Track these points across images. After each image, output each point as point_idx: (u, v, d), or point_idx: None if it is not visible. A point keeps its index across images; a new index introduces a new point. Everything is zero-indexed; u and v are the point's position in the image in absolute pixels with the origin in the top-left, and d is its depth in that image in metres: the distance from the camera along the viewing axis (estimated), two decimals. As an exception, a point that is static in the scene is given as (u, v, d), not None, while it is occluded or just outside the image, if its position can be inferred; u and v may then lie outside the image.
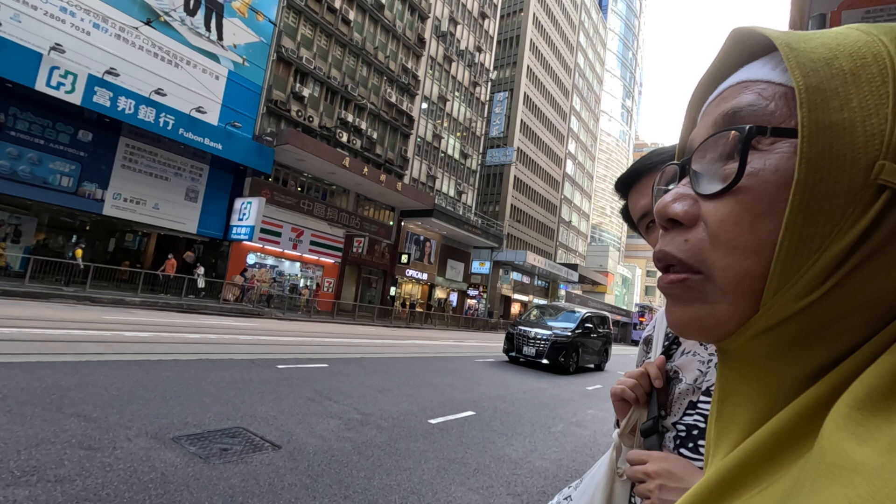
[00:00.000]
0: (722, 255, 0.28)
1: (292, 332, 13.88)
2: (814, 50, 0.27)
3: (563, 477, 4.27)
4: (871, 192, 0.24)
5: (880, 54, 0.25)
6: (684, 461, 0.71)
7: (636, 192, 0.92)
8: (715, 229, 0.29)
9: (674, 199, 0.31)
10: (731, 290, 0.28)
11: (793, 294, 0.26)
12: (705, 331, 0.30)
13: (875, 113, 0.24)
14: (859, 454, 0.21)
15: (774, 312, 0.27)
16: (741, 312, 0.28)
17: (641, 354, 1.02)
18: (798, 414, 0.26)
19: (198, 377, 5.90)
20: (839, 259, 0.25)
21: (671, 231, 0.31)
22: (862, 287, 0.25)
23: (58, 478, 2.81)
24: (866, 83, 0.25)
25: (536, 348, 12.43)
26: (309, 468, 3.55)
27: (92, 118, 16.54)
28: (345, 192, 26.77)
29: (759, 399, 0.29)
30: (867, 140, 0.24)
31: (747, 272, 0.27)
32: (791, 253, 0.25)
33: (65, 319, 9.22)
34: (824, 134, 0.25)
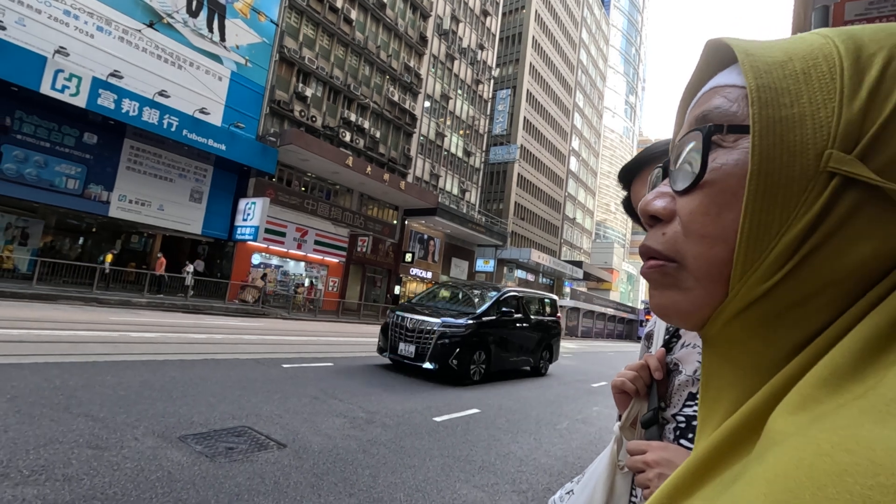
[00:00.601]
0: (693, 244, 0.30)
1: (297, 331, 13.93)
2: (771, 55, 0.29)
3: (569, 474, 4.26)
4: (823, 179, 0.26)
5: (831, 55, 0.27)
6: (683, 450, 0.70)
7: (639, 183, 0.92)
8: (686, 221, 0.31)
9: (654, 197, 0.34)
10: (703, 276, 0.30)
11: (757, 277, 0.28)
12: (683, 315, 0.32)
13: (824, 106, 0.26)
14: (786, 423, 0.23)
15: (742, 296, 0.28)
16: (713, 297, 0.30)
17: (643, 349, 1.02)
18: (768, 396, 0.27)
19: (204, 377, 5.93)
20: (797, 242, 0.27)
21: (653, 227, 0.34)
22: (821, 268, 0.27)
23: (66, 477, 2.84)
24: (816, 81, 0.27)
25: (417, 345, 8.05)
26: (314, 466, 3.56)
27: (97, 121, 16.64)
28: (348, 191, 26.81)
29: (738, 382, 0.30)
30: (816, 131, 0.26)
31: (715, 259, 0.29)
32: (752, 239, 0.27)
33: (72, 321, 9.30)
34: (775, 128, 0.27)
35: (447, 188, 35.68)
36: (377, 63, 28.15)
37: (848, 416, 0.21)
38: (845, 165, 0.25)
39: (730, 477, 0.26)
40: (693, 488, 0.28)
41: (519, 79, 46.48)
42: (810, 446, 0.21)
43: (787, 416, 0.24)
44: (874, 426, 0.19)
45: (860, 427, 0.20)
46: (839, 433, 0.20)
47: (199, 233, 20.43)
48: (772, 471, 0.21)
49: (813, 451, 0.20)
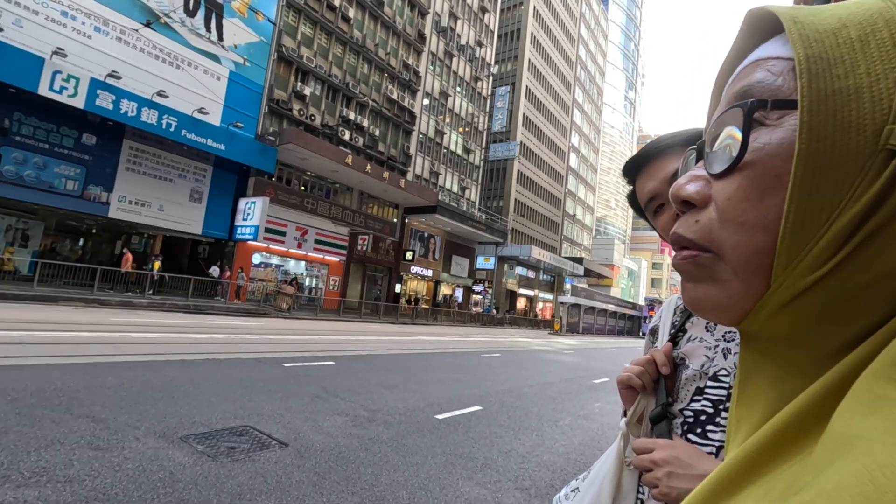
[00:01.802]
0: (730, 232, 0.28)
1: (298, 330, 13.93)
2: (822, 21, 0.26)
3: (571, 470, 4.26)
4: (882, 158, 0.23)
5: (893, 19, 0.25)
6: (691, 447, 0.69)
7: (644, 176, 0.90)
8: (723, 207, 0.28)
9: (687, 181, 0.31)
10: (742, 268, 0.28)
11: (803, 268, 0.25)
12: (720, 309, 0.29)
13: (884, 77, 0.24)
14: (862, 426, 0.21)
15: (786, 288, 0.26)
16: (754, 290, 0.27)
17: (648, 345, 1.00)
18: (821, 393, 0.25)
19: (205, 377, 5.92)
20: (850, 229, 0.24)
21: (686, 213, 0.31)
22: (878, 257, 0.24)
23: (67, 478, 2.83)
24: (875, 49, 0.24)
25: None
26: (316, 465, 3.55)
27: (95, 121, 16.62)
28: (348, 190, 26.79)
29: (781, 380, 0.28)
30: (874, 105, 0.24)
31: (756, 248, 0.27)
32: (798, 225, 0.25)
33: (73, 322, 9.29)
34: (826, 102, 0.24)
35: (447, 186, 35.64)
36: (375, 61, 28.09)
37: None
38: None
39: (781, 480, 0.24)
40: (734, 491, 0.26)
41: (518, 75, 46.37)
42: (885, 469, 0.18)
43: (858, 418, 0.22)
44: None
45: None
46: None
47: (199, 233, 20.42)
48: (866, 484, 0.19)
49: None
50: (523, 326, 38.91)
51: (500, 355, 13.46)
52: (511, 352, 15.26)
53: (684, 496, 0.63)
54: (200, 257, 22.33)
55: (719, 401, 0.73)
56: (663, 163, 0.87)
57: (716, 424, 0.72)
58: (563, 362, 13.97)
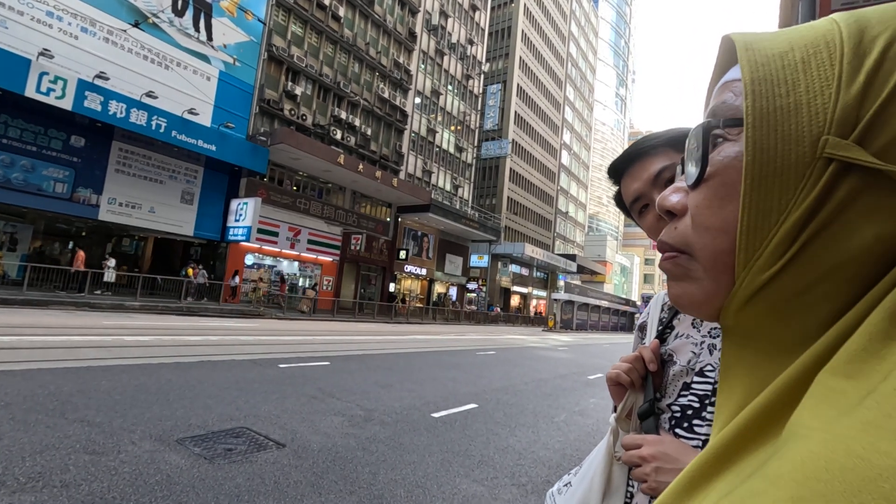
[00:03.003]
0: (699, 236, 0.32)
1: (293, 331, 13.89)
2: (773, 46, 0.29)
3: (567, 466, 4.30)
4: (820, 165, 0.26)
5: (833, 40, 0.27)
6: (678, 442, 0.71)
7: (629, 177, 0.93)
8: (693, 214, 0.32)
9: (670, 192, 0.35)
10: (710, 267, 0.31)
11: (759, 266, 0.28)
12: (696, 305, 0.33)
13: (821, 94, 0.26)
14: (809, 416, 0.23)
15: (747, 284, 0.29)
16: (722, 287, 0.31)
17: (637, 340, 1.03)
18: (786, 385, 0.27)
19: (200, 379, 5.91)
20: (796, 230, 0.27)
21: (669, 221, 0.35)
22: (823, 254, 0.27)
23: (63, 483, 2.83)
24: (815, 69, 0.27)
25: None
26: (314, 465, 3.57)
27: (84, 123, 16.44)
28: (341, 189, 26.71)
29: (752, 372, 0.31)
30: (812, 119, 0.26)
31: (719, 249, 0.30)
32: (752, 228, 0.28)
33: (65, 326, 9.22)
34: (769, 118, 0.27)
35: (440, 184, 35.62)
36: (366, 60, 28.00)
37: (875, 410, 0.20)
38: (842, 150, 0.25)
39: (747, 468, 0.26)
40: (709, 479, 0.27)
41: (509, 73, 46.41)
42: (840, 445, 0.20)
43: (808, 411, 0.24)
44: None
45: (891, 420, 0.19)
46: (871, 433, 0.19)
47: (191, 234, 20.28)
48: (799, 470, 0.21)
49: (843, 451, 0.20)
50: (517, 324, 39.03)
51: (494, 353, 13.51)
52: (506, 349, 15.32)
53: None
54: (193, 258, 22.17)
55: (705, 395, 0.75)
56: (647, 163, 0.89)
57: (702, 419, 0.74)
58: (558, 359, 14.05)
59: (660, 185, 0.87)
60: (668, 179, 0.87)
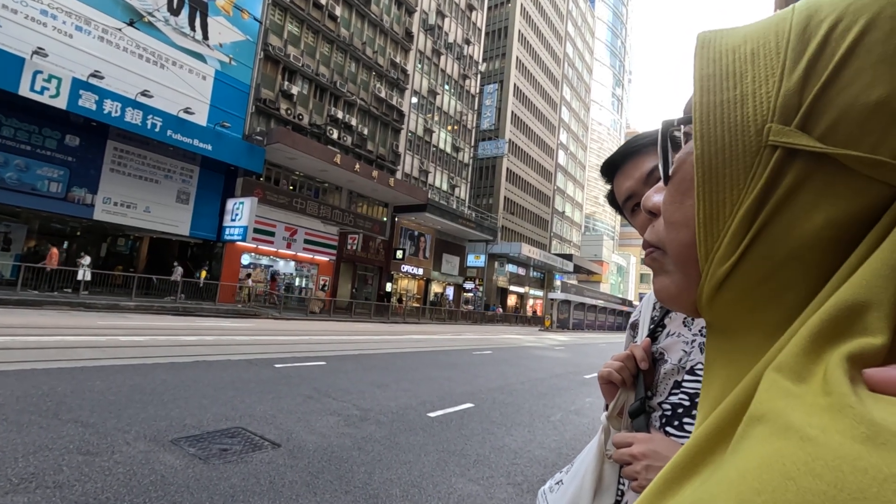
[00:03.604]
0: (667, 231, 0.33)
1: (289, 331, 13.86)
2: (729, 41, 0.30)
3: (563, 465, 4.29)
4: (766, 153, 0.26)
5: (784, 29, 0.28)
6: (669, 440, 0.72)
7: (621, 176, 0.93)
8: (662, 211, 0.34)
9: (653, 192, 0.36)
10: (678, 261, 0.32)
11: (719, 257, 0.28)
12: (673, 298, 0.33)
13: (765, 83, 0.27)
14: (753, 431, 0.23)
15: (711, 276, 0.29)
16: (692, 280, 0.31)
17: (629, 339, 1.03)
18: (752, 381, 0.27)
19: (195, 379, 5.89)
20: (750, 219, 0.27)
21: (653, 220, 0.36)
22: (776, 242, 0.27)
23: (57, 484, 2.81)
24: (763, 59, 0.27)
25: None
26: (309, 465, 3.56)
27: (78, 122, 16.36)
28: (337, 189, 26.66)
29: (729, 367, 0.31)
30: (756, 108, 0.27)
31: (683, 242, 0.31)
32: (708, 220, 0.29)
33: (59, 326, 9.17)
34: (715, 111, 0.28)
35: (436, 184, 35.62)
36: (363, 59, 27.96)
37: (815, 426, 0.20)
38: (784, 137, 0.26)
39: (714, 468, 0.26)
40: (684, 478, 0.27)
41: (506, 73, 46.44)
42: (776, 464, 0.20)
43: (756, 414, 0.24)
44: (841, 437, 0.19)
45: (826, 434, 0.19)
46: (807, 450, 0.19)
47: (186, 234, 20.21)
48: (734, 489, 0.21)
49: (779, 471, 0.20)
50: (514, 323, 39.07)
51: (491, 352, 13.52)
52: (502, 349, 15.33)
53: None
54: (187, 258, 22.10)
55: (696, 394, 0.76)
56: (639, 162, 0.90)
57: (692, 417, 0.75)
58: (554, 358, 14.08)
59: (651, 183, 0.88)
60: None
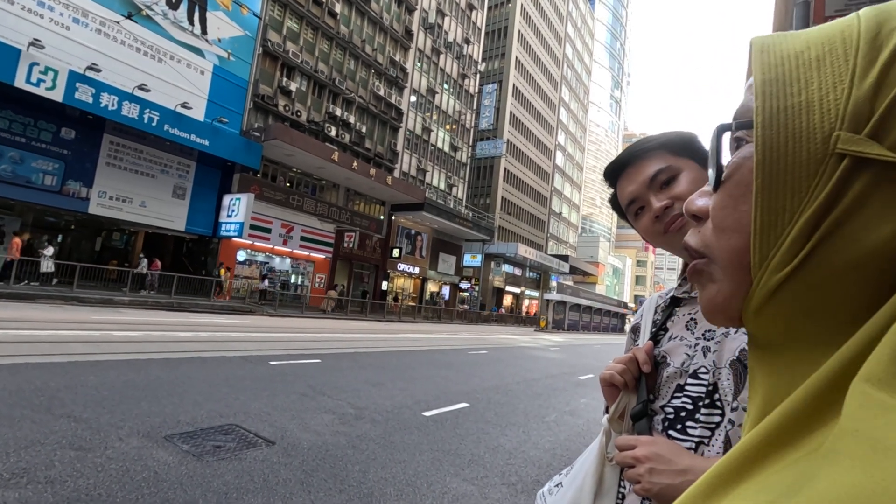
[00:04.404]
0: (716, 237, 0.32)
1: (284, 328, 13.83)
2: (790, 46, 0.29)
3: (558, 466, 4.31)
4: (833, 161, 0.26)
5: (851, 36, 0.27)
6: (672, 444, 0.72)
7: (624, 180, 0.93)
8: (712, 216, 0.32)
9: (697, 196, 0.35)
10: (726, 267, 0.31)
11: (774, 265, 0.28)
12: (718, 309, 0.32)
13: (833, 90, 0.26)
14: (849, 444, 0.22)
15: (763, 285, 0.28)
16: (741, 288, 0.30)
17: (629, 342, 1.03)
18: (812, 393, 0.26)
19: (189, 375, 5.86)
20: (811, 227, 0.26)
21: (695, 225, 0.35)
22: (840, 251, 0.26)
23: (48, 479, 2.79)
24: (830, 65, 0.27)
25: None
26: (303, 463, 3.55)
27: (74, 115, 16.24)
28: (334, 186, 26.60)
29: (773, 377, 0.30)
30: (823, 115, 0.26)
31: (734, 249, 0.30)
32: (765, 227, 0.28)
33: (52, 320, 9.10)
34: (779, 117, 0.27)
35: (434, 183, 35.60)
36: (362, 57, 27.90)
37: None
38: (854, 145, 0.25)
39: (775, 478, 0.25)
40: (732, 484, 0.27)
41: (505, 73, 46.45)
42: (883, 477, 0.19)
43: (850, 425, 0.22)
44: None
45: None
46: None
47: (182, 229, 20.11)
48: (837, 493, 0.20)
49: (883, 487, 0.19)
50: (509, 323, 39.11)
51: (486, 352, 13.53)
52: (497, 349, 15.35)
53: (665, 491, 0.66)
54: (183, 253, 22.00)
55: (699, 398, 0.76)
56: (642, 166, 0.89)
57: (695, 420, 0.75)
58: (549, 359, 14.10)
59: (655, 187, 0.87)
60: (664, 182, 0.87)
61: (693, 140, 0.91)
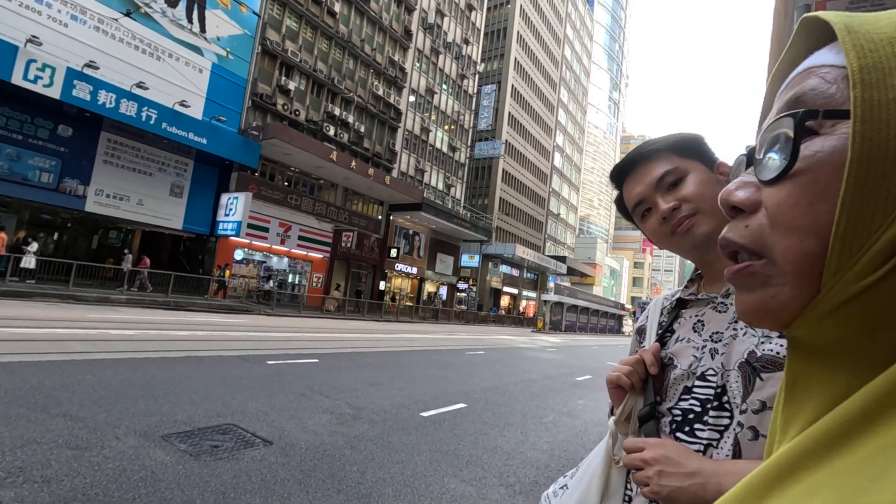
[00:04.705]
0: (780, 237, 0.28)
1: (282, 327, 13.79)
2: (878, 30, 0.26)
3: (556, 467, 4.31)
4: None
5: None
6: (681, 446, 0.71)
7: (631, 181, 0.93)
8: (773, 213, 0.29)
9: (737, 187, 0.32)
10: (792, 271, 0.28)
11: (854, 274, 0.25)
12: (770, 315, 0.30)
13: None
14: None
15: (836, 293, 0.26)
16: (803, 294, 0.28)
17: (634, 344, 1.03)
18: (871, 399, 0.25)
19: (186, 374, 5.84)
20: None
21: (735, 218, 0.32)
22: None
23: (45, 478, 2.77)
24: None
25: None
26: (301, 463, 3.54)
27: (72, 112, 16.16)
28: (332, 186, 26.56)
29: (828, 384, 0.28)
30: None
31: (806, 252, 0.27)
32: (849, 232, 0.25)
33: (49, 318, 9.06)
34: (881, 111, 0.24)
35: (432, 183, 35.58)
36: (361, 57, 27.87)
37: None
38: None
39: (829, 481, 0.24)
40: (780, 486, 0.26)
41: (504, 74, 46.47)
42: None
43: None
44: None
45: None
46: None
47: (179, 228, 20.05)
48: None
49: None
50: (507, 324, 39.13)
51: (484, 353, 13.53)
52: (495, 349, 15.34)
53: (674, 494, 0.65)
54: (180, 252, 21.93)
55: (707, 400, 0.75)
56: (649, 168, 0.89)
57: (703, 423, 0.74)
58: (547, 360, 14.11)
59: (663, 189, 0.87)
60: (671, 183, 0.87)
61: (700, 142, 0.91)
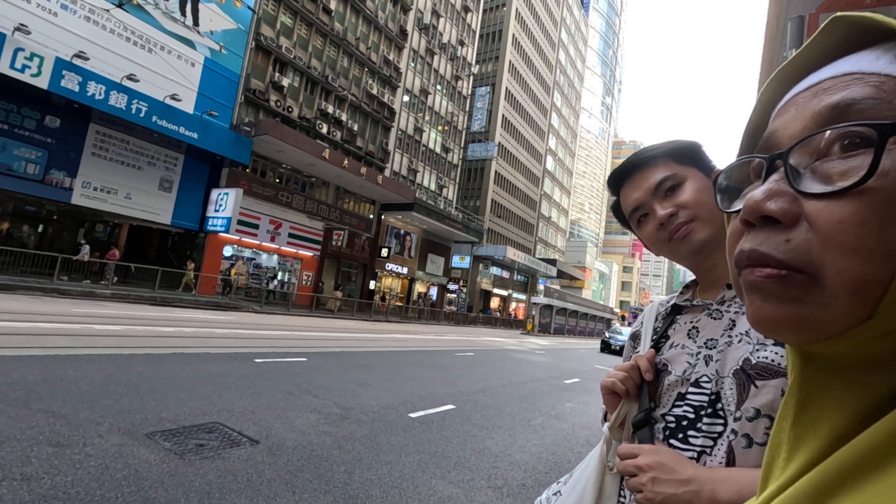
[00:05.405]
0: (836, 257, 0.25)
1: (270, 325, 13.68)
2: None
3: (543, 469, 4.32)
4: None
5: None
6: (674, 453, 0.71)
7: (628, 187, 0.93)
8: (830, 230, 0.26)
9: (767, 195, 0.29)
10: (846, 294, 0.25)
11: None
12: (801, 331, 0.27)
13: None
14: None
15: (892, 320, 0.24)
16: (851, 317, 0.25)
17: (629, 350, 1.03)
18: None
19: (172, 371, 5.76)
20: None
21: (763, 229, 0.29)
22: None
23: (24, 476, 2.71)
24: None
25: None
26: (288, 463, 3.50)
27: (60, 103, 15.91)
28: (324, 184, 26.43)
29: (850, 403, 0.27)
30: None
31: (869, 277, 0.25)
32: None
33: (32, 312, 8.89)
34: None
35: (425, 184, 35.56)
36: (356, 55, 27.78)
37: None
38: None
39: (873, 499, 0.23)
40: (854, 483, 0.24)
41: (498, 76, 46.60)
42: None
43: None
44: None
45: None
46: None
47: (168, 223, 19.82)
48: None
49: None
50: (496, 326, 39.21)
51: (473, 354, 13.53)
52: (484, 351, 15.36)
53: (668, 501, 0.65)
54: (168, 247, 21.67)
55: (700, 406, 0.75)
56: (647, 174, 0.89)
57: (697, 430, 0.74)
58: (536, 362, 14.15)
59: (660, 195, 0.87)
60: (669, 189, 0.87)
61: (698, 149, 0.91)
